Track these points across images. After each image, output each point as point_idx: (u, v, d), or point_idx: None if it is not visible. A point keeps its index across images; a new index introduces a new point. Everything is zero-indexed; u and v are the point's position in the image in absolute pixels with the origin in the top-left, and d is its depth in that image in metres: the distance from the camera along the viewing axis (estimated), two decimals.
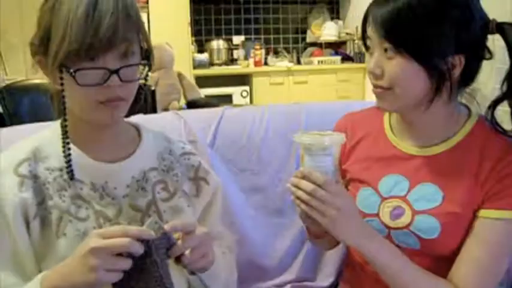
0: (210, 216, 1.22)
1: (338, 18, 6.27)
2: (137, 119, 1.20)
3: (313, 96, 5.32)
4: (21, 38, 5.74)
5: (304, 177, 1.06)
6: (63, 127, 1.04)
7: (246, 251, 1.52)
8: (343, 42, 6.07)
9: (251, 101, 5.47)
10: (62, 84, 0.96)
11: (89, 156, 1.06)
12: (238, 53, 5.92)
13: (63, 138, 1.04)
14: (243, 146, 1.60)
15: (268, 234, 1.59)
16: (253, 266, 1.55)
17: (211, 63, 5.70)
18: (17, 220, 0.98)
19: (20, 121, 3.04)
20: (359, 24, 1.21)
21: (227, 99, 5.27)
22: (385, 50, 1.10)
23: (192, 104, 3.05)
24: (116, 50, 0.95)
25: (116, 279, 0.87)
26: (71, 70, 0.93)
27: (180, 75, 3.41)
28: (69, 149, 1.04)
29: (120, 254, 0.87)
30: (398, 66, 1.09)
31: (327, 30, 5.97)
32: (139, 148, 1.12)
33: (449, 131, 1.19)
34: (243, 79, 5.68)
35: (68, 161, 1.03)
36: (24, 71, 5.99)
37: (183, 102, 3.24)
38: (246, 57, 5.87)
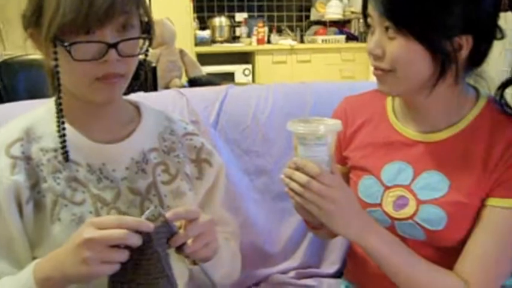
0: (213, 200, 1.17)
1: None
2: (137, 97, 1.14)
3: (317, 76, 5.24)
4: (20, 13, 5.66)
5: (297, 168, 1.00)
6: (58, 105, 0.97)
7: (249, 236, 1.48)
8: (348, 21, 5.96)
9: (253, 80, 5.39)
10: (55, 60, 0.89)
11: (85, 137, 1.00)
12: (240, 31, 5.82)
13: (57, 117, 0.98)
14: (247, 126, 1.54)
15: (273, 219, 1.54)
16: (257, 252, 1.51)
17: (213, 41, 5.60)
18: (9, 205, 0.92)
19: (17, 97, 2.97)
20: None
21: (229, 77, 5.19)
22: (386, 29, 1.02)
23: (193, 82, 2.98)
24: (114, 23, 0.89)
25: (110, 271, 0.83)
26: (66, 44, 0.86)
27: (181, 52, 3.33)
28: (64, 128, 0.97)
29: (117, 245, 0.82)
30: (400, 47, 1.01)
31: (331, 8, 5.84)
32: (138, 128, 1.06)
33: (456, 115, 1.11)
34: (245, 57, 5.61)
35: (63, 142, 0.97)
36: (23, 46, 5.95)
37: (184, 79, 3.17)
38: (249, 35, 5.77)
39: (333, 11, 5.85)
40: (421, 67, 1.03)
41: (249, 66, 5.47)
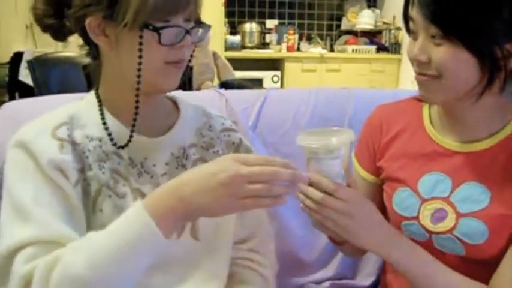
0: None
1: (375, 6, 6.09)
2: (176, 94, 1.12)
3: (346, 85, 5.17)
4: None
5: (311, 184, 0.95)
6: (106, 96, 0.99)
7: (284, 243, 1.44)
8: (379, 32, 5.90)
9: (282, 87, 5.37)
10: (141, 44, 0.88)
11: (128, 129, 0.97)
12: (270, 37, 5.80)
13: (99, 106, 0.99)
14: (287, 130, 1.50)
15: (308, 226, 1.48)
16: (292, 260, 1.48)
17: (243, 46, 5.60)
18: (58, 175, 0.89)
19: (49, 93, 3.01)
20: (396, 13, 1.10)
21: (257, 83, 5.16)
22: (432, 36, 0.97)
23: (225, 85, 2.96)
24: (188, 11, 0.92)
25: (254, 206, 0.84)
26: (158, 26, 0.88)
27: (215, 55, 3.31)
28: (103, 121, 0.97)
29: None
30: (447, 54, 0.96)
31: (363, 18, 5.80)
32: (178, 123, 1.05)
33: (498, 124, 1.06)
34: (274, 64, 5.59)
35: (109, 133, 0.97)
36: (53, 43, 6.01)
37: (216, 82, 3.15)
38: (279, 42, 5.75)
39: (364, 21, 5.80)
40: (468, 75, 0.98)
41: (278, 73, 5.45)
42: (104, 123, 0.97)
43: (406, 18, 1.04)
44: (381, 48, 5.78)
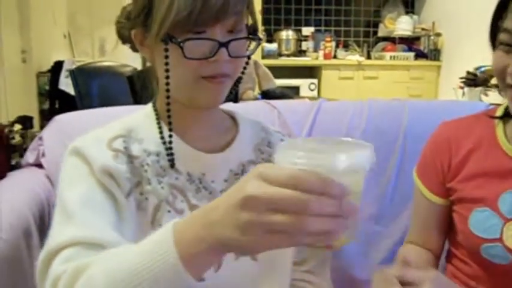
0: None
1: (413, 12, 6.00)
2: (227, 106, 1.08)
3: (384, 93, 5.12)
4: (89, 20, 5.81)
5: None
6: (161, 108, 0.94)
7: (338, 259, 1.40)
8: (417, 38, 5.81)
9: (319, 95, 5.31)
10: (166, 57, 0.85)
11: (186, 144, 0.94)
12: (307, 45, 5.77)
13: (157, 120, 0.95)
14: None
15: (363, 243, 1.45)
16: (345, 277, 1.43)
17: (279, 54, 5.57)
18: (110, 181, 0.86)
19: (90, 103, 3.04)
20: (435, 19, 1.04)
21: (294, 91, 5.12)
22: None
23: (267, 94, 2.92)
24: (225, 23, 0.86)
25: (279, 245, 0.59)
26: (179, 40, 0.83)
27: (255, 64, 3.28)
28: (170, 135, 0.93)
29: None
30: None
31: (401, 24, 5.73)
32: (237, 138, 1.01)
33: None
34: (311, 71, 5.55)
35: (169, 147, 0.93)
36: (90, 53, 6.11)
37: (257, 91, 3.13)
38: (315, 49, 5.71)
39: (402, 27, 5.73)
40: None
41: (315, 80, 5.40)
42: (162, 138, 0.94)
43: (495, 29, 0.99)
44: (420, 55, 5.69)
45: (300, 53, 5.74)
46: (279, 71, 5.26)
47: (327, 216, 0.56)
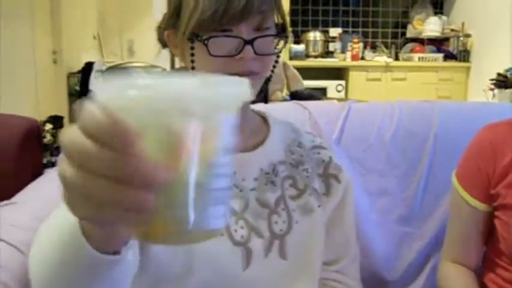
0: (342, 219, 1.09)
1: (442, 13, 5.94)
2: (258, 107, 1.10)
3: (412, 95, 5.08)
4: (118, 22, 5.89)
5: None
6: None
7: (367, 260, 1.39)
8: (446, 39, 5.75)
9: (346, 96, 5.29)
10: (192, 55, 0.88)
11: None
12: (334, 46, 5.74)
13: None
14: (372, 144, 1.46)
15: (393, 244, 1.45)
16: (374, 278, 1.43)
17: (307, 55, 5.56)
18: None
19: None
20: (465, 19, 1.02)
21: (321, 92, 5.10)
22: None
23: (295, 95, 2.92)
24: (250, 22, 0.87)
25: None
26: (204, 37, 0.86)
27: (284, 65, 3.28)
28: None
29: None
30: None
31: (430, 25, 5.66)
32: (268, 138, 1.03)
33: None
34: (338, 73, 5.52)
35: None
36: (119, 54, 6.19)
37: (285, 92, 3.13)
38: (343, 51, 5.68)
39: (431, 28, 5.67)
40: None
41: (342, 82, 5.38)
42: None
43: None
44: (449, 56, 5.62)
45: (328, 54, 5.72)
46: (306, 72, 5.25)
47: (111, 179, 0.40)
